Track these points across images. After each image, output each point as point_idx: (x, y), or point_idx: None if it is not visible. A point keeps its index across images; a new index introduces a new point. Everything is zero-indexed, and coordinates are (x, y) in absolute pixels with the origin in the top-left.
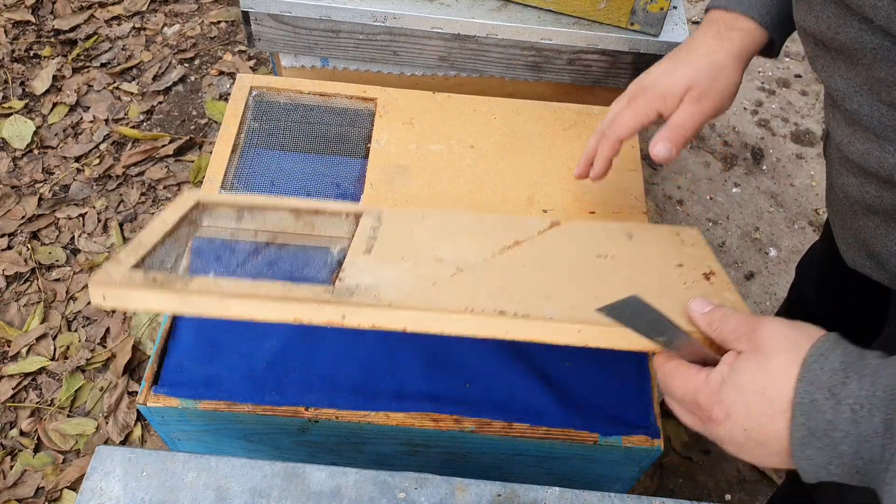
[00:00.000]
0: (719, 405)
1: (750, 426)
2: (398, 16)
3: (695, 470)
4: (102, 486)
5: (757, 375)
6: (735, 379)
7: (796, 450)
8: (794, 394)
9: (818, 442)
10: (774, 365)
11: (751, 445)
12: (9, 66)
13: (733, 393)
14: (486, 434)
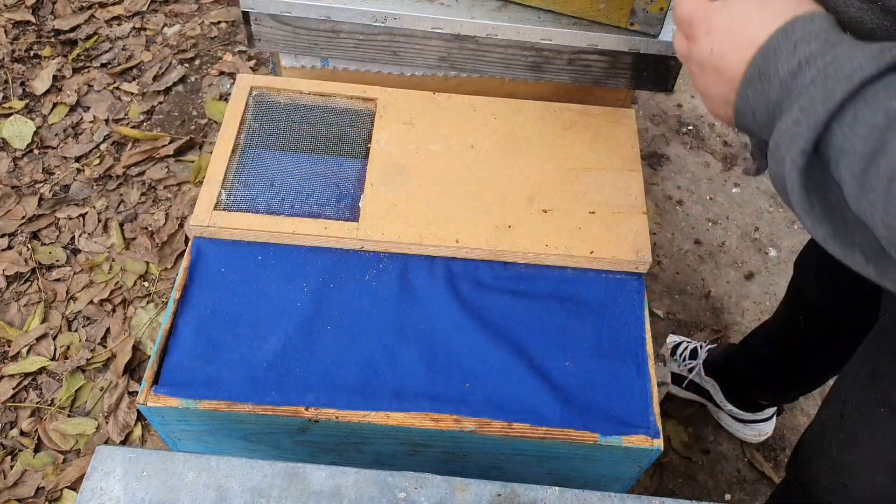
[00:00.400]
0: (706, 23)
1: (718, 49)
2: (398, 16)
3: (694, 470)
4: (103, 485)
5: (751, 9)
6: (731, 5)
7: (741, 86)
8: (766, 36)
9: (759, 84)
10: (769, 8)
11: (709, 69)
12: (9, 66)
13: (723, 15)
14: (486, 434)
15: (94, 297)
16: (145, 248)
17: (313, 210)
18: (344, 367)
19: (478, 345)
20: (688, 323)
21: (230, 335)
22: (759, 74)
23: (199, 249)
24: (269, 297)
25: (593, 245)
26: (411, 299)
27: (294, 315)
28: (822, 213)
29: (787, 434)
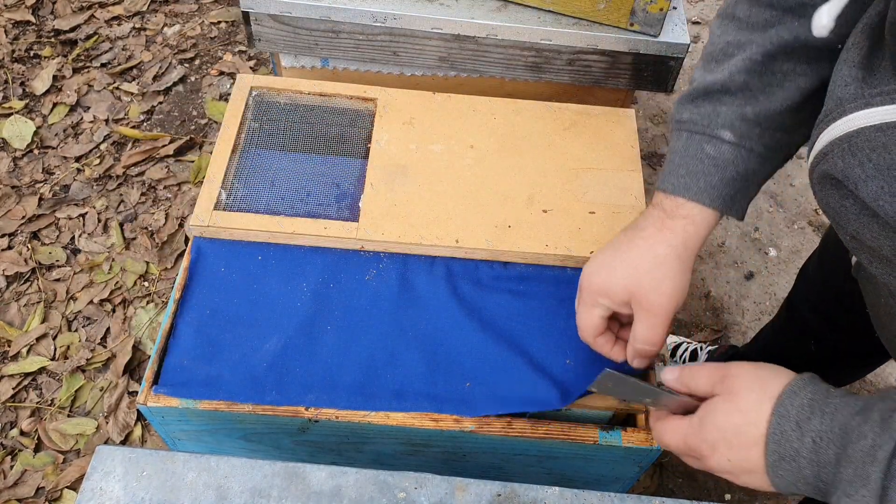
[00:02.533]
0: (705, 443)
1: (732, 457)
2: (398, 16)
3: (694, 470)
4: (103, 485)
5: (731, 414)
6: (713, 419)
7: (770, 472)
8: (767, 426)
9: (787, 465)
10: (745, 404)
11: (738, 472)
12: (9, 66)
13: (713, 431)
14: (486, 434)
15: (94, 297)
16: (145, 248)
17: (313, 210)
18: (344, 366)
19: (478, 344)
20: (688, 323)
21: (230, 335)
22: (780, 459)
23: (199, 249)
24: (269, 296)
25: (593, 245)
26: (411, 299)
27: (294, 315)
28: None
29: None
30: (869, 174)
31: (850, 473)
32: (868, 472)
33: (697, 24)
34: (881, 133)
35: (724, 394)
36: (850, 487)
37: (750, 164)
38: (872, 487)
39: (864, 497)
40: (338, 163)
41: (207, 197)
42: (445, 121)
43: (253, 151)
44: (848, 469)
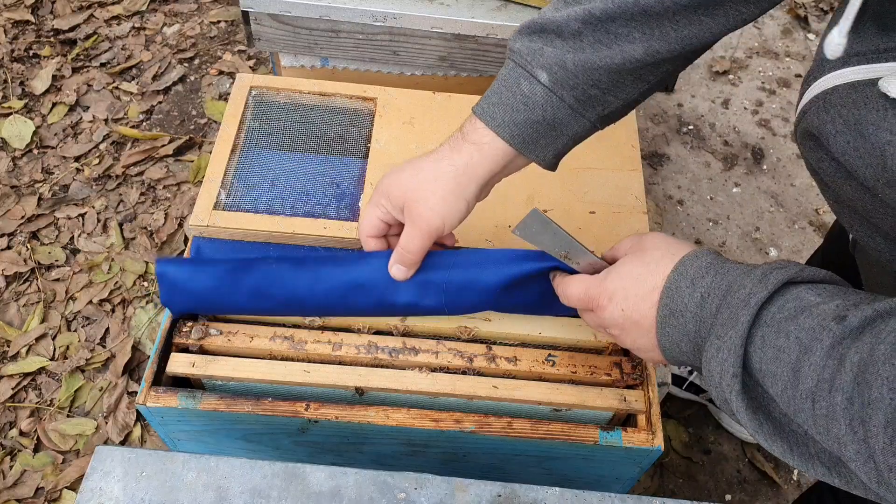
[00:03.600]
0: (604, 293)
1: (626, 306)
2: (398, 16)
3: (695, 470)
4: (102, 486)
5: (636, 265)
6: (617, 269)
7: (659, 328)
8: (664, 281)
9: (675, 321)
10: (651, 259)
11: (628, 325)
12: (8, 65)
13: (615, 280)
14: (486, 434)
15: (93, 297)
16: (145, 248)
17: (313, 210)
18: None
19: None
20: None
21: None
22: (670, 314)
23: (198, 249)
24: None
25: (593, 245)
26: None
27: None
28: (772, 430)
29: None
30: (839, 129)
31: (723, 318)
32: (739, 316)
33: None
34: (853, 90)
35: (634, 252)
36: (721, 330)
37: (559, 114)
38: (740, 329)
39: (730, 338)
40: (337, 162)
41: (207, 197)
42: (445, 121)
43: (252, 151)
44: (723, 314)
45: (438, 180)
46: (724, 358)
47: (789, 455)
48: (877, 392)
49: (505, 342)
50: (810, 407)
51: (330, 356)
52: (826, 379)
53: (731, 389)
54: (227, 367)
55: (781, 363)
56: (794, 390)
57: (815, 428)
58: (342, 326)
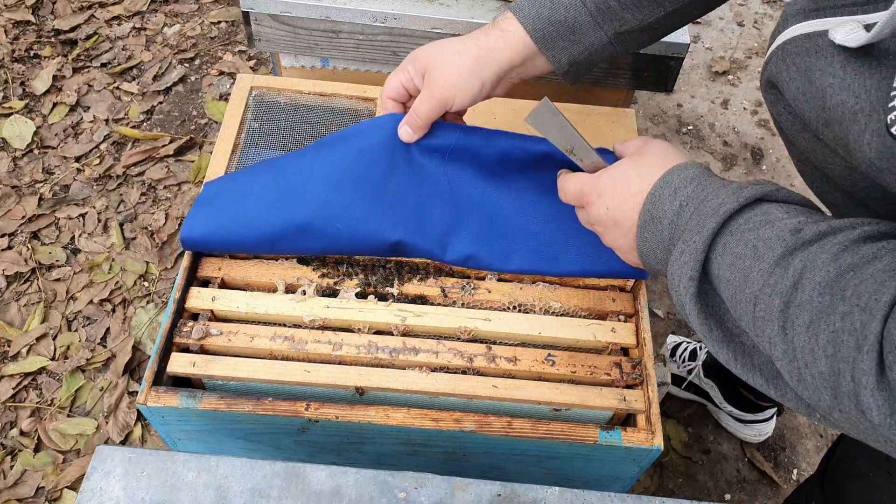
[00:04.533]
0: (596, 189)
1: (612, 205)
2: (398, 16)
3: (694, 470)
4: (102, 485)
5: (629, 168)
6: (612, 170)
7: (639, 231)
8: (650, 187)
9: (653, 226)
10: (644, 164)
11: (610, 224)
12: (9, 66)
13: (607, 179)
14: (486, 434)
15: (93, 297)
16: (145, 248)
17: None
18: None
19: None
20: (688, 323)
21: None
22: (651, 219)
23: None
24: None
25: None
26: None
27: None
28: (721, 336)
29: (788, 434)
30: (792, 76)
31: (693, 224)
32: (706, 223)
33: (697, 23)
34: (807, 40)
35: (632, 156)
36: (688, 235)
37: (579, 18)
38: (704, 234)
39: (694, 243)
40: None
41: None
42: None
43: (253, 151)
44: (694, 221)
45: (461, 55)
46: (685, 261)
47: (733, 363)
48: (807, 294)
49: (505, 342)
50: (752, 310)
51: (330, 356)
52: (770, 284)
53: (687, 292)
54: (227, 366)
55: (735, 269)
56: (742, 294)
57: (753, 330)
58: (342, 326)
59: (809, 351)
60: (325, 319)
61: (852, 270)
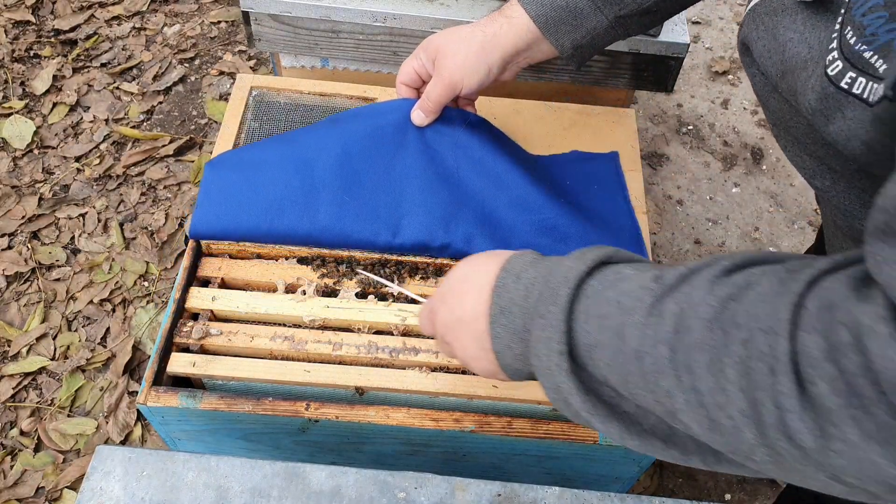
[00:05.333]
0: (437, 297)
1: (455, 304)
2: (398, 16)
3: (694, 470)
4: (102, 485)
5: (464, 269)
6: (447, 278)
7: (491, 328)
8: (494, 280)
9: (504, 318)
10: (479, 261)
11: (458, 327)
12: (9, 65)
13: (445, 283)
14: (486, 434)
15: (93, 296)
16: (145, 248)
17: None
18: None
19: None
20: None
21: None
22: (500, 312)
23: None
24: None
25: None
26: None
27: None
28: (607, 412)
29: None
30: (760, 35)
31: (545, 299)
32: (559, 291)
33: (697, 24)
34: (775, 0)
35: (464, 261)
36: (542, 308)
37: (580, 3)
38: (561, 304)
39: (553, 314)
40: None
41: None
42: None
43: None
44: (545, 296)
45: (468, 41)
46: (549, 336)
47: (627, 436)
48: (695, 334)
49: None
50: (638, 367)
51: (330, 356)
52: (649, 335)
53: (560, 369)
54: (227, 366)
55: (606, 330)
56: (621, 354)
57: (645, 388)
58: (342, 326)
59: (720, 391)
60: (325, 319)
61: (733, 300)
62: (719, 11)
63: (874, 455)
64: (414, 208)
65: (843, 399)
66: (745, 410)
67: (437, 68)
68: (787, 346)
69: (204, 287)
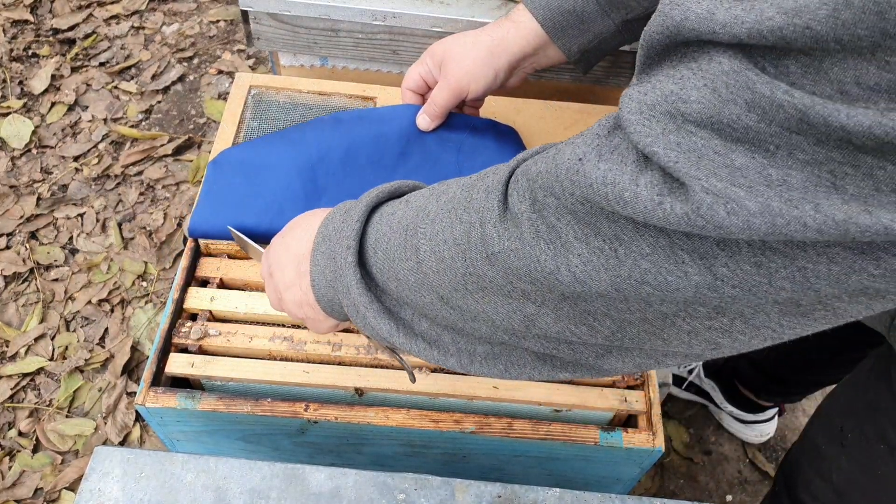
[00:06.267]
0: (278, 237)
1: (290, 239)
2: (398, 15)
3: (696, 471)
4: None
5: (296, 219)
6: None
7: (311, 255)
8: (323, 217)
9: (324, 246)
10: (311, 213)
11: (286, 258)
12: (7, 65)
13: (287, 226)
14: (486, 435)
15: (92, 297)
16: (143, 248)
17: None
18: None
19: None
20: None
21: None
22: (322, 238)
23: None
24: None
25: None
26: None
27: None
28: (380, 308)
29: (789, 434)
30: None
31: (351, 211)
32: (361, 203)
33: None
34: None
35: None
36: (343, 216)
37: (588, 8)
38: (359, 210)
39: (351, 218)
40: None
41: None
42: None
43: None
44: (352, 210)
45: (475, 46)
46: (345, 237)
47: (395, 334)
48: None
49: None
50: (402, 238)
51: (329, 356)
52: (418, 208)
53: (347, 264)
54: (226, 367)
55: (392, 222)
56: (396, 234)
57: (403, 255)
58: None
59: (448, 227)
60: None
61: (488, 170)
62: None
63: (539, 252)
64: None
65: (527, 205)
66: (460, 237)
67: (444, 73)
68: (506, 174)
69: (202, 287)
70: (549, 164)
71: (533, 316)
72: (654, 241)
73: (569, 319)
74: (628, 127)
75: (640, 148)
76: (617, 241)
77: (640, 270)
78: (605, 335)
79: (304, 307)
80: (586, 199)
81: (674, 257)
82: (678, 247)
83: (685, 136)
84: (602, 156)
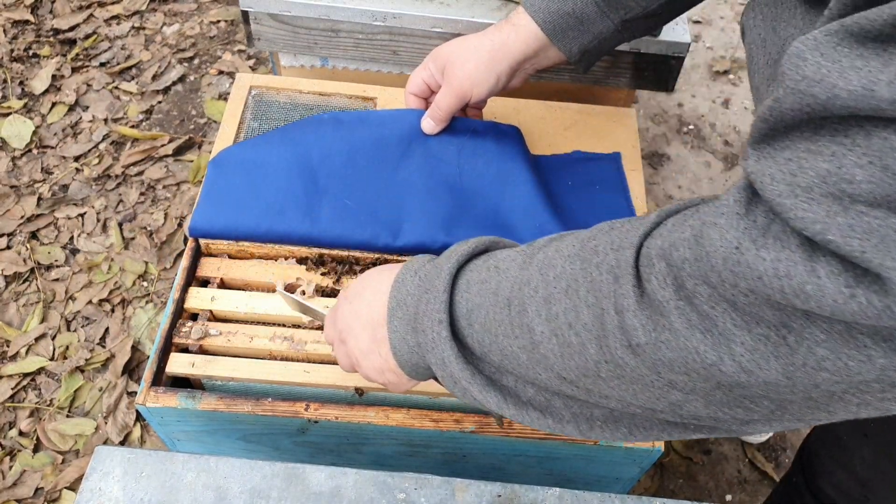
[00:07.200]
0: (343, 300)
1: (359, 305)
2: (398, 15)
3: (695, 470)
4: (101, 486)
5: (370, 273)
6: (353, 282)
7: (388, 321)
8: (393, 280)
9: (400, 311)
10: (384, 267)
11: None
12: (8, 65)
13: (350, 289)
14: (486, 435)
15: (92, 297)
16: (144, 248)
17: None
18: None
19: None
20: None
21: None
22: (397, 304)
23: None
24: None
25: None
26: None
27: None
28: (485, 382)
29: (789, 435)
30: (756, 23)
31: (432, 276)
32: (444, 268)
33: (698, 23)
34: None
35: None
36: (429, 285)
37: (587, 9)
38: (444, 277)
39: (436, 287)
40: None
41: None
42: None
43: None
44: (432, 274)
45: (477, 50)
46: (432, 308)
47: (504, 405)
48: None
49: None
50: (507, 314)
51: (330, 356)
52: (519, 281)
53: (440, 338)
54: (226, 367)
55: (484, 292)
56: (495, 307)
57: (511, 334)
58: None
59: (572, 310)
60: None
61: (593, 238)
62: (720, 11)
63: (696, 342)
64: (416, 213)
65: (671, 292)
66: (589, 324)
67: (447, 78)
68: (632, 255)
69: (203, 287)
70: (696, 252)
71: (679, 402)
72: (828, 327)
73: (721, 404)
74: (786, 213)
75: (809, 235)
76: (785, 329)
77: (815, 358)
78: (763, 414)
79: (385, 373)
80: (752, 290)
81: (853, 342)
82: (856, 331)
83: (856, 218)
84: (758, 242)
